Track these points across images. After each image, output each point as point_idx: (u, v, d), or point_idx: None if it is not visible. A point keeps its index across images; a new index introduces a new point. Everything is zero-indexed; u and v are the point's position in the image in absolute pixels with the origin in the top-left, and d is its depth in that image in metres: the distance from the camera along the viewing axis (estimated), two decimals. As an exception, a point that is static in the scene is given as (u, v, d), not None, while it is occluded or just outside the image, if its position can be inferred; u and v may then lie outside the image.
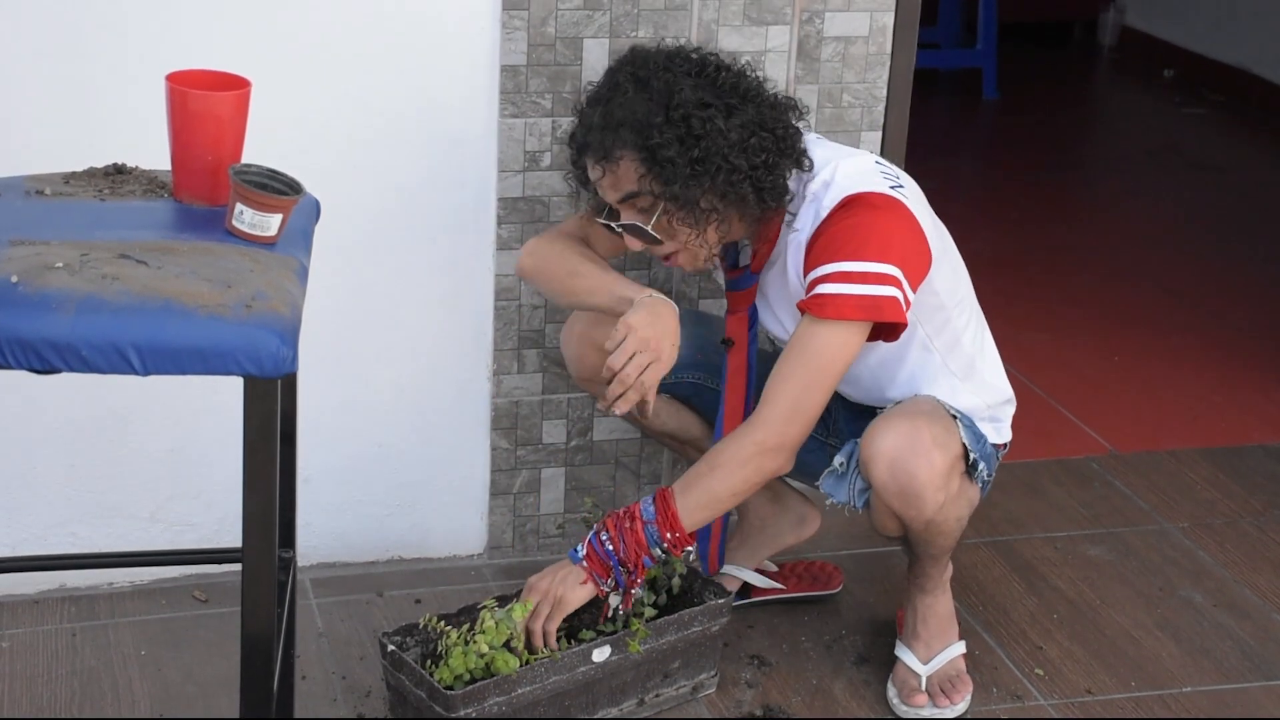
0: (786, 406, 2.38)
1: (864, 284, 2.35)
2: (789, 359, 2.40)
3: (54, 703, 2.54)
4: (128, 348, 1.80)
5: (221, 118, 2.03)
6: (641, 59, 2.43)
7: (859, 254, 2.36)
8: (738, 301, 2.59)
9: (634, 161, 2.38)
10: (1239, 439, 3.57)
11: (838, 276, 2.36)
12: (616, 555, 2.40)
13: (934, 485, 2.42)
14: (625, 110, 2.36)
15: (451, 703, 2.34)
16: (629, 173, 2.39)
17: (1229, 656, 2.79)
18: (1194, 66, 6.42)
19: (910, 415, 2.45)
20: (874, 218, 2.38)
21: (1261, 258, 4.64)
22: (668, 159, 2.35)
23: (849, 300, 2.35)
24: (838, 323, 2.36)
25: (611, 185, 2.42)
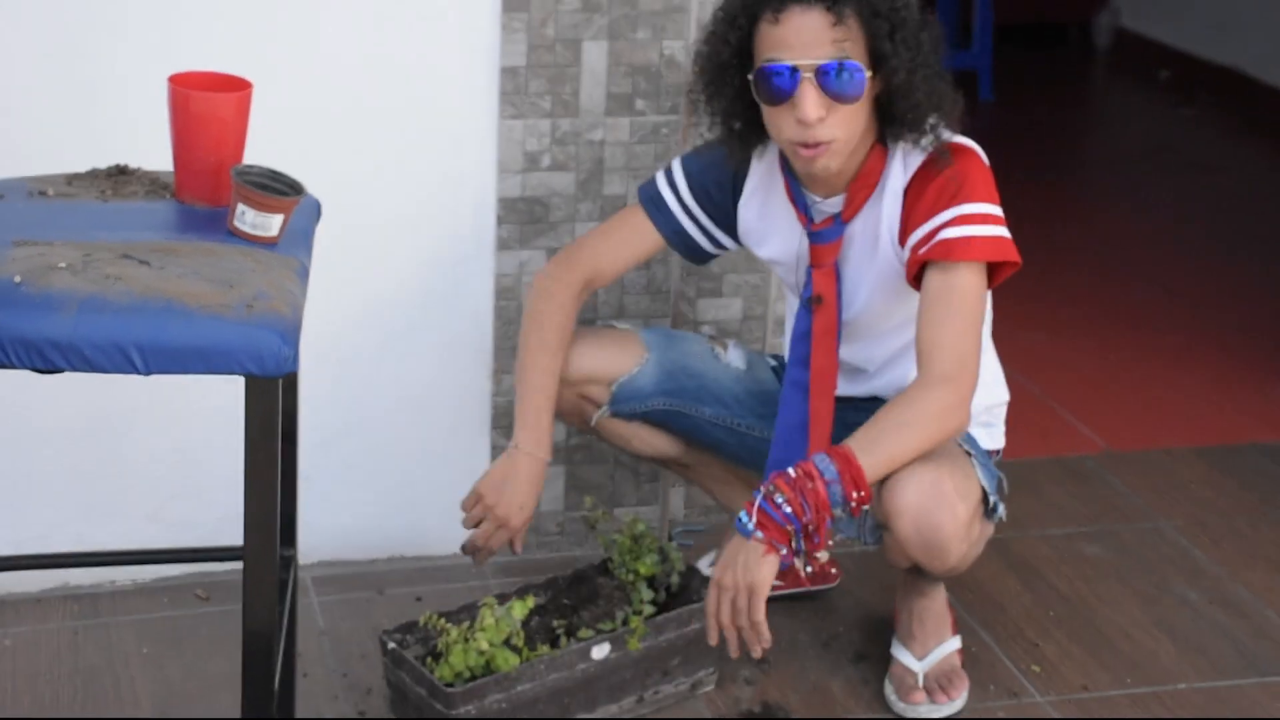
0: (954, 358, 2.30)
1: (985, 225, 2.34)
2: (934, 310, 2.32)
3: (56, 701, 2.55)
4: (130, 347, 1.81)
5: (223, 119, 2.04)
6: None
7: (973, 195, 2.35)
8: (823, 255, 2.46)
9: (862, 22, 2.30)
10: (1234, 437, 3.58)
11: (959, 220, 2.33)
12: (798, 518, 2.21)
13: (958, 537, 2.39)
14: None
15: (452, 700, 2.35)
16: (856, 34, 2.30)
17: (1224, 653, 2.80)
18: (1189, 68, 6.42)
19: (931, 465, 2.36)
20: (977, 163, 2.40)
21: (1256, 257, 4.65)
22: (905, 23, 2.30)
23: (974, 241, 2.32)
24: (970, 264, 2.32)
25: (835, 25, 2.29)
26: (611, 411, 2.66)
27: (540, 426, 2.54)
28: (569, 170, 2.83)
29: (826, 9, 2.29)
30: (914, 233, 2.37)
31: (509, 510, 2.53)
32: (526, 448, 2.53)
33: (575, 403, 2.66)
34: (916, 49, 2.32)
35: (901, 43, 2.31)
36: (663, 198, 2.58)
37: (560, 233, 2.85)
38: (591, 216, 2.86)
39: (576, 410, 2.68)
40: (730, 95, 2.41)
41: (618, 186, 2.86)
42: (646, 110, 2.84)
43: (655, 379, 2.64)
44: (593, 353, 2.63)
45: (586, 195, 2.85)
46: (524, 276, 2.86)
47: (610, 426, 2.69)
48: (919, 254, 2.35)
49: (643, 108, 2.83)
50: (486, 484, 2.54)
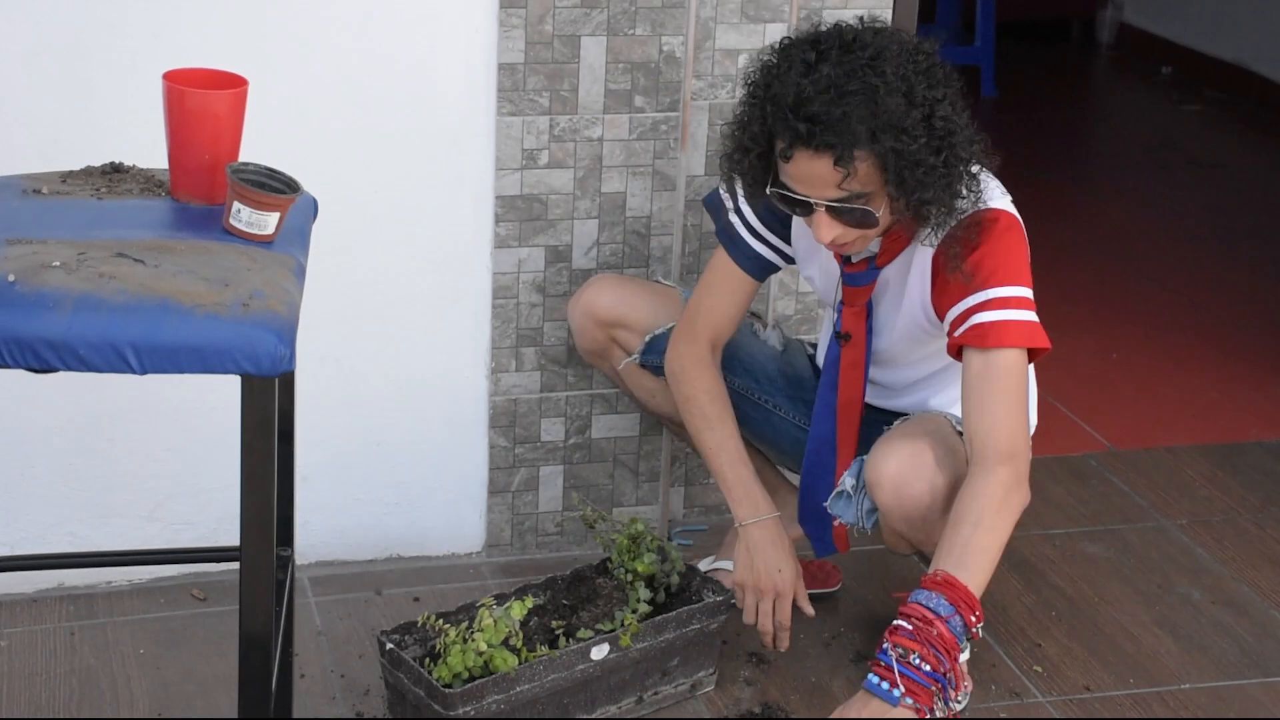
0: (1007, 439, 2.30)
1: (1018, 309, 2.33)
2: (980, 396, 2.32)
3: (52, 702, 2.54)
4: (125, 347, 1.80)
5: (219, 116, 2.03)
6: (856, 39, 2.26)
7: (1006, 278, 2.32)
8: (856, 296, 2.48)
9: (875, 165, 2.24)
10: (1237, 436, 3.57)
11: (993, 304, 2.32)
12: (939, 672, 2.20)
13: (938, 508, 2.40)
14: (876, 108, 2.20)
15: (450, 701, 2.34)
16: (869, 174, 2.25)
17: (1227, 653, 2.79)
18: (1192, 63, 6.41)
19: (914, 436, 2.43)
20: (1011, 241, 2.35)
21: (1259, 254, 4.64)
22: (920, 163, 2.23)
23: (1009, 327, 2.32)
24: (1007, 350, 2.32)
25: (844, 180, 2.25)
26: (640, 361, 2.68)
27: (753, 495, 2.56)
28: (567, 167, 2.82)
29: (834, 160, 2.23)
30: (949, 311, 2.36)
31: (771, 579, 2.53)
32: (750, 518, 2.55)
33: (604, 343, 2.69)
34: (928, 181, 2.26)
35: (912, 181, 2.25)
36: (736, 231, 2.57)
37: (559, 230, 2.84)
38: (590, 214, 2.85)
39: (602, 351, 2.70)
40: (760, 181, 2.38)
41: (616, 184, 2.85)
42: (645, 107, 2.83)
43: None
44: (633, 299, 2.67)
45: (585, 192, 2.84)
46: (522, 274, 2.85)
47: (633, 375, 2.70)
48: (955, 336, 2.36)
49: (641, 104, 2.82)
50: (738, 573, 2.56)
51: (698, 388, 2.58)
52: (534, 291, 2.87)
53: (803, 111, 2.22)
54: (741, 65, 2.83)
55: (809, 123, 2.21)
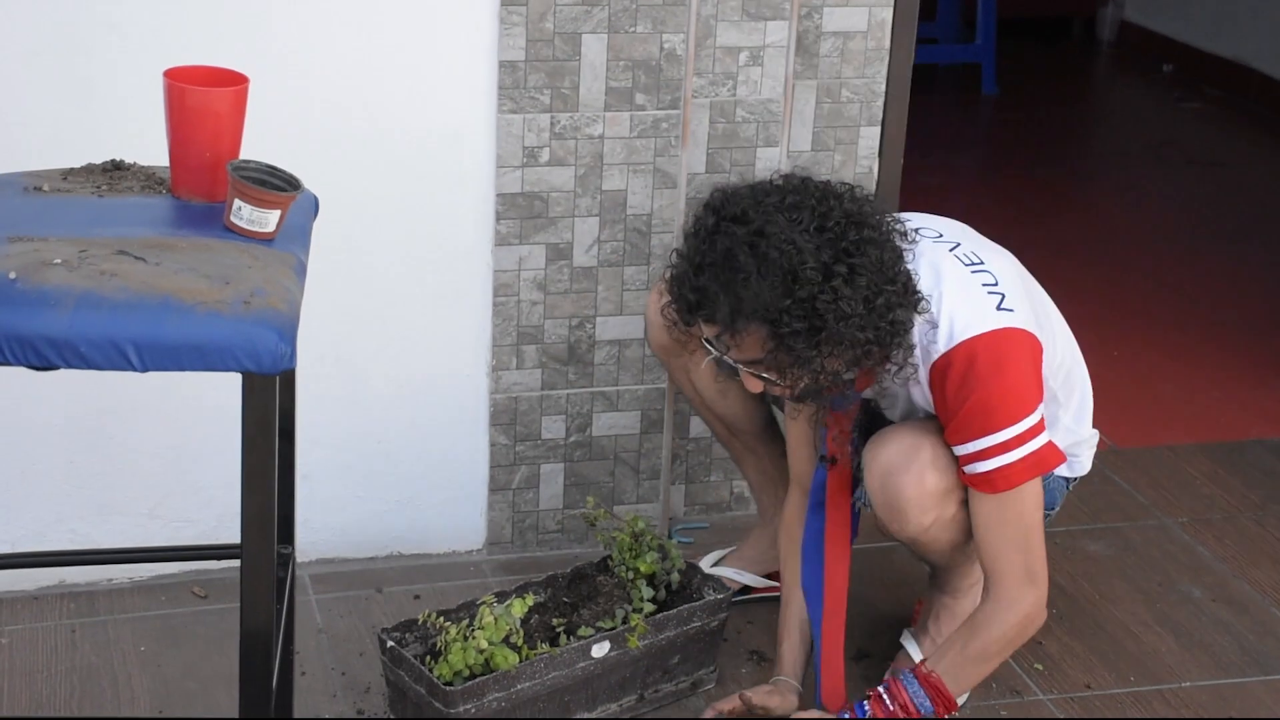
0: (1022, 574, 2.37)
1: (1020, 446, 2.32)
2: (991, 536, 2.36)
3: (53, 699, 2.54)
4: (126, 344, 1.80)
5: (220, 114, 2.03)
6: (746, 213, 2.24)
7: (1006, 419, 2.30)
8: (839, 421, 2.47)
9: (758, 338, 2.24)
10: (1238, 434, 3.57)
11: (992, 451, 2.32)
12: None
13: (920, 505, 2.40)
14: (747, 292, 2.19)
15: (451, 698, 2.34)
16: (753, 345, 2.26)
17: (1228, 651, 2.79)
18: (1193, 61, 6.41)
19: (919, 431, 2.41)
20: (1004, 375, 2.31)
21: (1261, 252, 4.64)
22: (794, 346, 2.23)
23: (1014, 468, 2.32)
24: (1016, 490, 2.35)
25: (730, 350, 2.28)
26: None
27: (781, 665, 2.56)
28: (568, 165, 2.82)
29: (717, 334, 2.26)
30: (952, 442, 2.36)
31: None
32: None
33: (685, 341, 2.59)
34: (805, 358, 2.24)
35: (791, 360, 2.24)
36: None
37: (559, 228, 2.84)
38: (591, 211, 2.85)
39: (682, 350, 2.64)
40: None
41: (617, 181, 2.85)
42: (646, 104, 2.82)
43: None
44: None
45: (586, 190, 2.84)
46: (523, 272, 2.85)
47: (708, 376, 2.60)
48: (962, 474, 2.37)
49: (642, 102, 2.82)
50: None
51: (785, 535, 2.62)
52: (535, 289, 2.87)
53: (693, 283, 2.25)
54: (742, 63, 2.83)
55: (696, 294, 2.25)
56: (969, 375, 2.30)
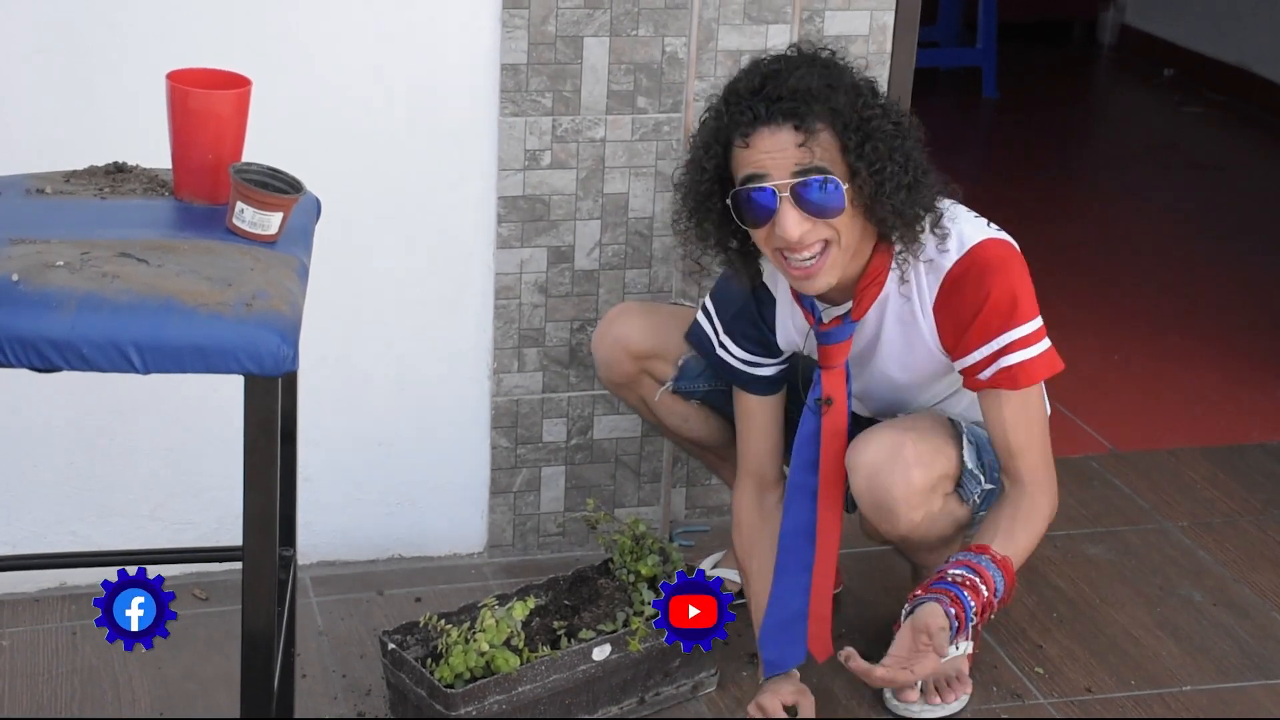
0: (1046, 465, 2.46)
1: (1040, 343, 2.40)
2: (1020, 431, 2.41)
3: (54, 701, 2.54)
4: (128, 346, 1.80)
5: (222, 116, 2.03)
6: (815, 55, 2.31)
7: (1026, 315, 2.38)
8: (833, 356, 2.44)
9: (835, 139, 2.25)
10: (1238, 438, 3.57)
11: (1016, 345, 2.38)
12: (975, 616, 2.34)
13: (908, 503, 2.41)
14: (832, 79, 2.24)
15: (452, 701, 2.34)
16: (829, 146, 2.25)
17: (1228, 655, 2.79)
18: (1193, 65, 6.41)
19: (900, 429, 2.44)
20: (1013, 274, 2.38)
21: (1262, 256, 4.64)
22: (879, 134, 2.25)
23: (1035, 363, 2.40)
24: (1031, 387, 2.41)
25: (804, 143, 2.24)
26: (674, 388, 2.66)
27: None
28: (570, 168, 2.82)
29: (795, 127, 2.24)
30: (970, 355, 2.40)
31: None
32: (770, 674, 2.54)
33: (635, 375, 2.66)
34: (888, 158, 2.27)
35: (872, 153, 2.26)
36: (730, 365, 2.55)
37: (561, 231, 2.84)
38: (592, 215, 2.85)
39: (632, 382, 2.67)
40: (716, 220, 2.37)
41: (619, 184, 2.85)
42: (648, 108, 2.83)
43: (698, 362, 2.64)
44: (664, 328, 2.64)
45: (587, 193, 2.84)
46: (524, 275, 2.85)
47: (669, 404, 2.68)
48: (980, 379, 2.40)
49: (644, 105, 2.82)
50: None
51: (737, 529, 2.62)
52: (536, 292, 2.87)
53: (761, 94, 2.25)
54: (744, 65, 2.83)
55: (767, 101, 2.24)
56: (985, 274, 2.36)
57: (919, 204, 2.31)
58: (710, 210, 2.36)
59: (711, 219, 2.36)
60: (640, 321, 2.65)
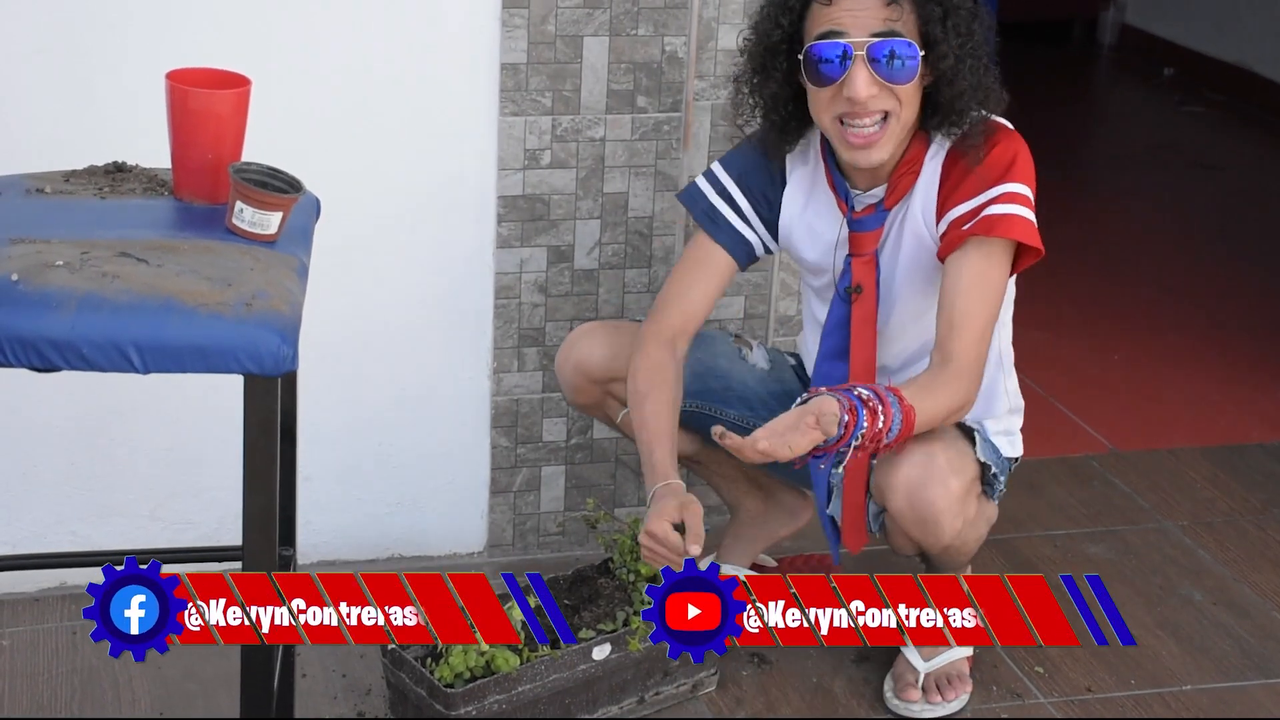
0: (975, 355, 2.33)
1: (1025, 206, 2.35)
2: (970, 298, 2.32)
3: (54, 701, 2.54)
4: (128, 346, 1.80)
5: (222, 116, 2.03)
6: None
7: (1020, 176, 2.36)
8: (864, 243, 2.44)
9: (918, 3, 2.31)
10: (1239, 437, 3.57)
11: (1005, 197, 2.34)
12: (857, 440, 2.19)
13: (952, 512, 2.41)
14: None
15: (452, 701, 2.34)
16: (910, 12, 2.31)
17: (1229, 655, 2.79)
18: (1194, 65, 6.41)
19: (924, 441, 2.39)
20: (1019, 145, 2.39)
21: (1262, 256, 4.64)
22: (959, 9, 2.31)
23: (1017, 220, 2.33)
24: (1003, 246, 2.34)
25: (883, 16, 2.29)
26: None
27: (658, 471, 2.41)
28: (569, 167, 2.82)
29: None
30: (958, 207, 2.37)
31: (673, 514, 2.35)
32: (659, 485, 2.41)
33: (599, 398, 2.63)
34: (968, 36, 2.33)
35: (953, 29, 2.32)
36: (718, 210, 2.54)
37: (561, 230, 2.84)
38: (592, 214, 2.85)
39: (597, 404, 2.65)
40: (779, 80, 2.39)
41: (619, 184, 2.85)
42: (648, 107, 2.83)
43: (684, 380, 2.58)
44: (620, 351, 2.56)
45: (587, 193, 2.84)
46: (524, 274, 2.86)
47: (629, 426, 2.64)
48: (962, 229, 2.35)
49: (644, 104, 2.82)
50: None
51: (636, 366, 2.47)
52: (536, 292, 2.87)
53: None
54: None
55: None
56: (992, 134, 2.38)
57: (980, 93, 2.35)
58: (775, 68, 2.38)
59: (775, 76, 2.38)
60: (602, 346, 2.58)
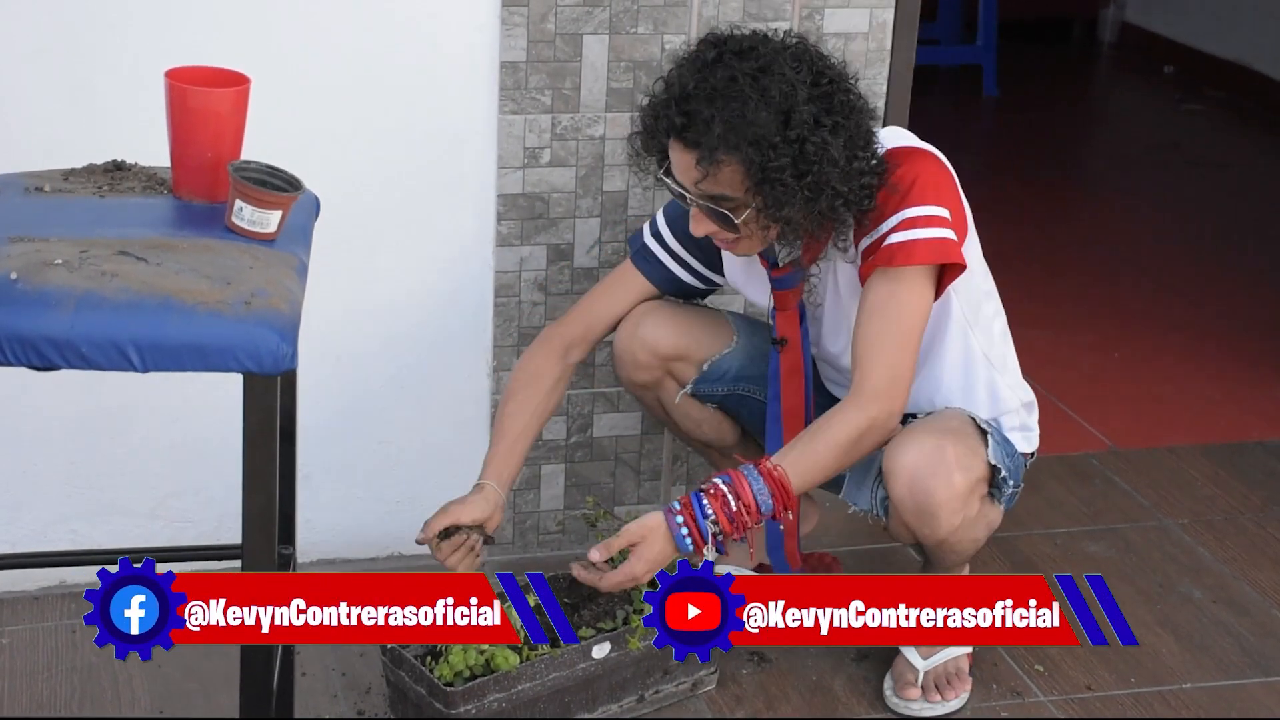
0: (886, 373, 2.35)
1: (928, 227, 2.34)
2: (872, 322, 2.35)
3: (54, 699, 2.54)
4: (127, 345, 1.80)
5: (221, 114, 2.03)
6: (755, 49, 2.31)
7: (919, 199, 2.35)
8: (785, 299, 2.51)
9: (739, 172, 2.29)
10: (1239, 435, 3.57)
11: (904, 224, 2.34)
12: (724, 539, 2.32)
13: (951, 507, 2.42)
14: (743, 119, 2.25)
15: (451, 699, 2.34)
16: (731, 179, 2.30)
17: (1228, 653, 2.79)
18: (1194, 63, 6.41)
19: (937, 432, 2.43)
20: (923, 164, 2.38)
21: (1262, 254, 4.64)
22: (779, 180, 2.28)
23: (919, 245, 2.33)
24: (912, 272, 2.34)
25: (704, 180, 2.31)
26: (692, 391, 2.66)
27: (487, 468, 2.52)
28: (569, 166, 2.82)
29: (696, 160, 2.30)
30: (864, 240, 2.39)
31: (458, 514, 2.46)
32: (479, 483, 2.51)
33: (659, 377, 2.65)
34: (789, 198, 2.29)
35: (774, 198, 2.29)
36: (650, 249, 2.61)
37: (560, 229, 2.84)
38: (592, 212, 2.85)
39: (655, 384, 2.66)
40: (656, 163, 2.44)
41: (618, 182, 2.85)
42: (648, 106, 2.82)
43: (740, 362, 2.64)
44: (692, 330, 2.63)
45: (587, 191, 2.84)
46: (524, 273, 2.85)
47: (686, 408, 2.68)
48: (868, 261, 2.38)
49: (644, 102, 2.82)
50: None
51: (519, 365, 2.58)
52: (536, 290, 2.87)
53: (682, 106, 2.30)
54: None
55: (684, 117, 2.29)
56: (894, 164, 2.37)
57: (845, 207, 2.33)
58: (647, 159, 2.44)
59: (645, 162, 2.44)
60: (671, 323, 2.63)
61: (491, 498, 2.48)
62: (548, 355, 2.58)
